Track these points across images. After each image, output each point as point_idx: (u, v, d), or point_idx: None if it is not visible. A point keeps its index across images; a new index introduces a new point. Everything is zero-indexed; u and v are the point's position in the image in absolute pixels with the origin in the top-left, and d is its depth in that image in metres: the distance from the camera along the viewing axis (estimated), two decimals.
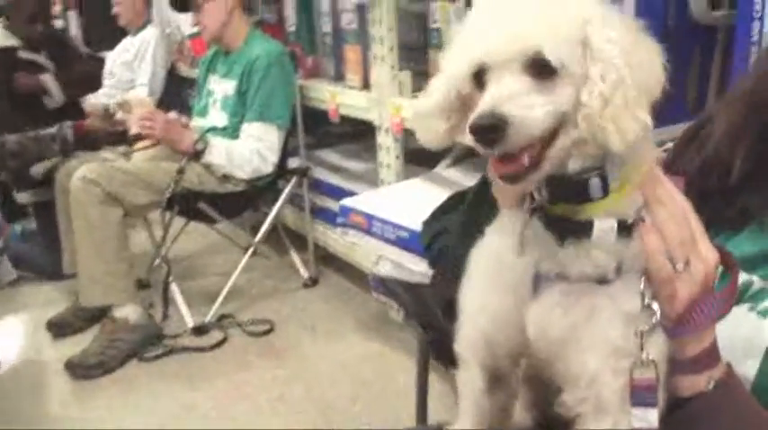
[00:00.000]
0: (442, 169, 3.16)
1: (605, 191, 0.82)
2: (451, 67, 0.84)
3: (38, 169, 3.76)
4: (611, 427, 0.88)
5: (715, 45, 2.25)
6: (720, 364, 0.91)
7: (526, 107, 0.75)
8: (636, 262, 0.85)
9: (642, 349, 0.85)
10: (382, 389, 2.85)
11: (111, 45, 5.19)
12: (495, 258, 0.93)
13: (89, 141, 3.85)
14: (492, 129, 0.74)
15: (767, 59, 1.07)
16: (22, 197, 3.91)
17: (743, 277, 1.02)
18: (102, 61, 5.03)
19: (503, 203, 0.93)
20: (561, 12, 0.78)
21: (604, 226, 0.83)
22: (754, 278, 1.03)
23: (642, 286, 0.86)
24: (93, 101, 4.46)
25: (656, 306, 0.85)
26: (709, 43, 2.25)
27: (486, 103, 0.76)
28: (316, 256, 3.83)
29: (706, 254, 0.86)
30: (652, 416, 0.86)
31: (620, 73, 0.76)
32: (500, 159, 0.78)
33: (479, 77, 0.80)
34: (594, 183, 0.82)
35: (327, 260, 3.89)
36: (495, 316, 0.95)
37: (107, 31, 5.59)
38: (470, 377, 1.09)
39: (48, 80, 4.33)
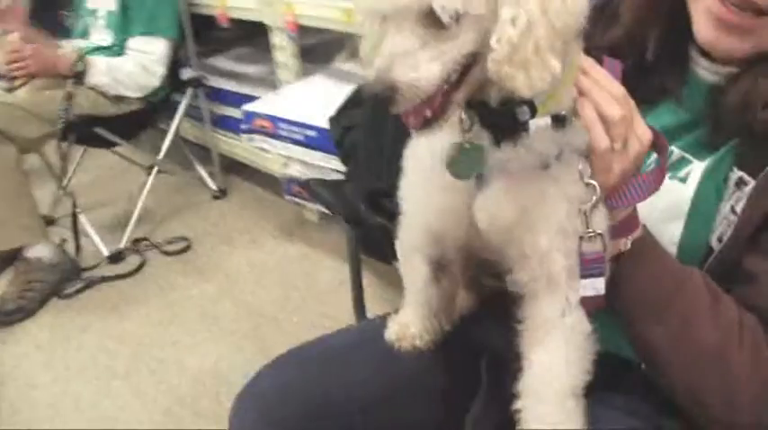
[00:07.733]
0: (341, 63, 3.13)
1: (533, 112, 0.84)
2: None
3: None
4: (563, 300, 0.93)
5: None
6: (640, 227, 0.97)
7: (413, 68, 0.75)
8: (575, 145, 0.89)
9: (587, 225, 0.90)
10: (310, 288, 2.89)
11: None
12: (434, 156, 0.95)
13: None
14: (384, 97, 0.75)
15: None
16: None
17: None
18: None
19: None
20: None
21: (539, 122, 0.85)
22: (674, 148, 1.08)
23: (581, 165, 0.89)
24: None
25: (596, 182, 0.89)
26: None
27: (377, 67, 0.76)
28: (222, 167, 3.78)
29: (641, 133, 0.90)
30: (600, 284, 0.92)
31: (532, 17, 0.75)
32: (406, 113, 0.80)
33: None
34: (522, 110, 0.84)
35: (234, 169, 3.84)
36: (440, 211, 0.99)
37: None
38: (415, 268, 1.12)
39: None
